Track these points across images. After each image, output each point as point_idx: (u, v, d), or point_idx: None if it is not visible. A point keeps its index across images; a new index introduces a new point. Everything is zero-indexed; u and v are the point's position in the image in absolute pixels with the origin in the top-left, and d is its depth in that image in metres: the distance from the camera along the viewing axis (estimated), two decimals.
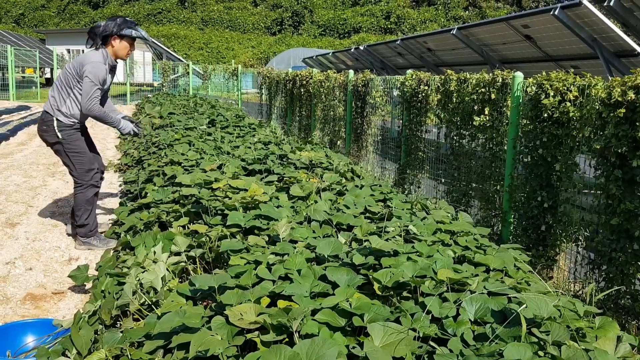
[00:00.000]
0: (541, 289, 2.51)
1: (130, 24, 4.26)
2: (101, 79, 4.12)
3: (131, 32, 4.24)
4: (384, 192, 4.20)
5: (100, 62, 4.13)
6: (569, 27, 6.89)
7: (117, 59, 4.35)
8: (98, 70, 4.09)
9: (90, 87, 4.07)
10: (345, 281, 2.22)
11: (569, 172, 3.91)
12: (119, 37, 4.21)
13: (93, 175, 4.33)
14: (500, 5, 47.60)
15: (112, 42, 4.23)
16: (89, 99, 4.09)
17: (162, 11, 54.38)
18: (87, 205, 4.29)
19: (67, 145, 4.24)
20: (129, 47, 4.31)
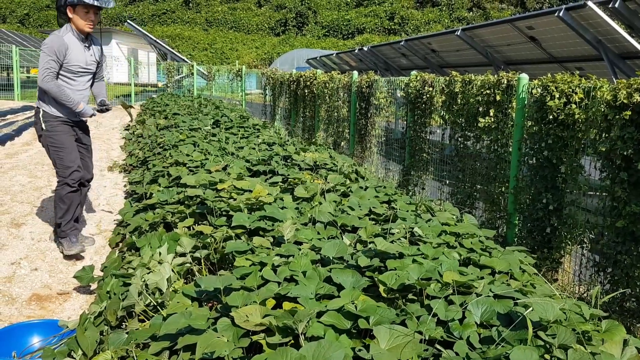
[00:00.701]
0: (547, 292, 2.50)
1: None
2: (56, 49, 3.88)
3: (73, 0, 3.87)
4: (389, 193, 4.20)
5: (57, 35, 3.94)
6: (574, 29, 6.88)
7: (80, 32, 4.03)
8: (52, 42, 3.89)
9: (42, 60, 3.88)
10: (351, 283, 2.22)
11: (574, 174, 3.90)
12: (70, 7, 3.93)
13: (70, 174, 4.10)
14: (505, 7, 47.53)
15: (69, 15, 3.97)
16: (41, 71, 3.90)
17: (166, 12, 54.49)
18: (61, 203, 4.12)
19: (49, 138, 4.10)
20: (84, 16, 3.94)
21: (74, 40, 4.00)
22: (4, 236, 4.51)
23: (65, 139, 4.12)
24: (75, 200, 4.17)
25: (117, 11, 54.74)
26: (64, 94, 3.97)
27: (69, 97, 4.00)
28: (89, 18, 3.96)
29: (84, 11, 3.92)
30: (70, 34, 3.99)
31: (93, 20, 3.99)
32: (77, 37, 4.02)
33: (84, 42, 4.08)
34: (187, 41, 48.10)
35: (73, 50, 3.99)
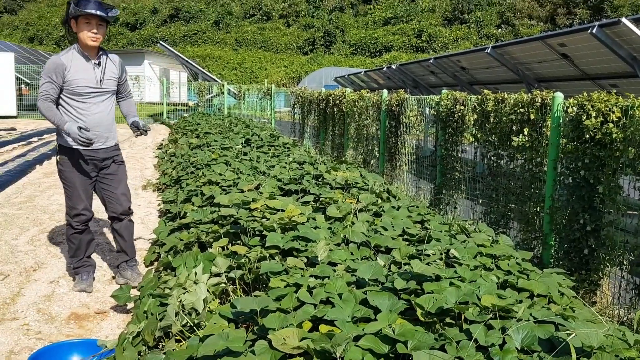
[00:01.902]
0: (587, 316, 2.45)
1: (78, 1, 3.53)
2: (52, 71, 3.57)
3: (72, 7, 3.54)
4: (421, 213, 4.18)
5: (56, 55, 3.66)
6: (607, 46, 6.78)
7: (85, 48, 3.65)
8: (49, 64, 3.60)
9: (40, 84, 3.62)
10: (387, 306, 2.21)
11: (613, 194, 3.82)
12: (73, 20, 3.61)
13: (74, 216, 3.78)
14: (534, 23, 47.12)
15: (73, 29, 3.64)
16: (39, 94, 3.64)
17: (197, 32, 55.63)
18: (68, 242, 3.89)
19: (60, 172, 3.81)
20: (86, 27, 3.57)
21: (77, 59, 3.64)
22: (43, 255, 4.62)
23: (76, 177, 3.76)
24: (84, 240, 3.89)
25: (150, 32, 56.13)
26: (51, 112, 3.58)
27: (58, 119, 3.57)
28: (91, 30, 3.57)
29: (86, 22, 3.56)
30: (73, 52, 3.65)
31: (96, 33, 3.60)
32: (81, 54, 3.65)
33: (91, 60, 3.69)
34: (217, 61, 48.96)
35: (75, 70, 3.63)
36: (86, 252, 3.92)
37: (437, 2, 53.78)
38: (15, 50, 26.22)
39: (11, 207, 6.30)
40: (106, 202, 3.94)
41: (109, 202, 3.92)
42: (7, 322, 3.31)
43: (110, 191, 3.91)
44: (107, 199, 3.92)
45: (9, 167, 8.75)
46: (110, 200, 3.92)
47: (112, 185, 3.91)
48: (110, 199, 3.91)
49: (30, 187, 7.58)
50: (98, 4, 3.54)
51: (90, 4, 3.50)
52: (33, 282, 3.99)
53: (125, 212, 3.96)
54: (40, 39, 60.69)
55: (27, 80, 22.98)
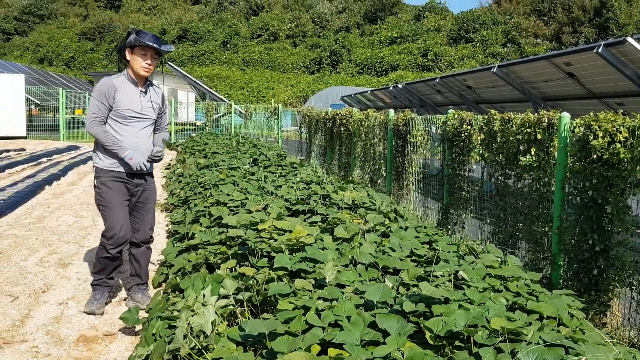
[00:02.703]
0: (597, 339, 2.43)
1: (141, 33, 3.73)
2: (104, 92, 3.70)
3: (132, 37, 3.70)
4: (429, 233, 4.17)
5: (107, 77, 3.78)
6: (613, 65, 6.80)
7: (135, 76, 3.83)
8: (101, 84, 3.73)
9: (91, 104, 3.76)
10: (396, 329, 2.21)
11: (621, 215, 3.81)
12: (128, 47, 3.76)
13: (110, 238, 3.75)
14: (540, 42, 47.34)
15: (127, 57, 3.80)
16: (88, 115, 3.76)
17: (205, 53, 56.27)
18: (97, 261, 3.90)
19: (97, 195, 3.84)
20: (140, 58, 3.75)
21: (126, 84, 3.81)
22: (52, 276, 4.64)
23: (113, 197, 3.80)
24: (110, 265, 3.87)
25: None
26: (109, 139, 3.72)
27: (115, 142, 3.73)
28: (145, 61, 3.76)
29: (142, 52, 3.74)
30: (124, 77, 3.82)
31: (150, 64, 3.79)
32: (130, 81, 3.82)
33: (139, 87, 3.86)
34: (225, 80, 49.40)
35: (124, 93, 3.78)
36: (109, 274, 3.92)
37: (443, 22, 54.26)
38: (26, 71, 26.61)
39: (20, 228, 6.34)
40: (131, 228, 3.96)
41: (134, 229, 3.97)
42: (16, 345, 3.32)
43: (138, 218, 3.99)
44: (133, 225, 3.97)
45: (19, 188, 8.82)
46: (135, 227, 3.98)
47: (141, 213, 4.00)
48: (137, 225, 3.98)
49: (40, 208, 7.64)
50: (156, 38, 3.77)
51: (149, 37, 3.73)
52: (42, 304, 4.00)
53: (146, 241, 4.07)
54: (50, 60, 61.57)
55: (37, 101, 23.28)
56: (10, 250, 5.36)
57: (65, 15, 70.79)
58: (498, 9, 54.50)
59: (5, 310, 3.84)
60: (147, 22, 64.65)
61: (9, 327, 3.56)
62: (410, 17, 58.05)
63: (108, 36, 63.18)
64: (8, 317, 3.73)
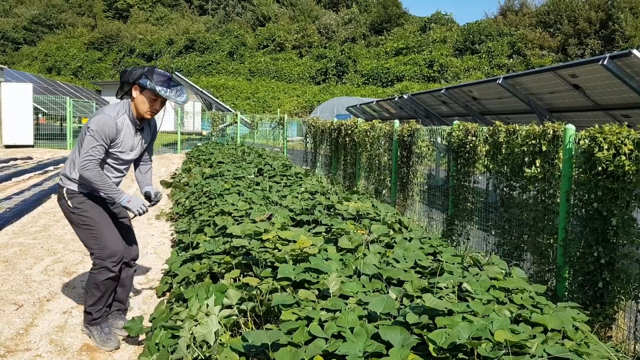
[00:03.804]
0: (602, 352, 2.42)
1: (155, 74, 3.41)
2: (107, 135, 3.35)
3: (146, 82, 3.37)
4: (434, 245, 4.16)
5: (110, 115, 3.38)
6: (619, 77, 6.80)
7: (137, 116, 3.52)
8: (104, 124, 3.33)
9: (88, 143, 3.31)
10: (399, 341, 2.20)
11: (626, 227, 3.79)
12: (138, 86, 3.43)
13: (109, 255, 3.45)
14: (545, 53, 47.36)
15: (132, 93, 3.47)
16: (84, 155, 3.30)
17: (211, 63, 56.61)
18: (95, 290, 3.47)
19: (79, 216, 3.48)
20: (150, 102, 3.45)
21: (127, 124, 3.50)
22: (57, 285, 4.65)
23: (98, 214, 3.52)
24: (111, 287, 3.56)
25: (165, 63, 57.15)
26: (105, 183, 3.36)
27: (112, 187, 3.39)
28: (154, 106, 3.48)
29: (152, 97, 3.44)
30: (126, 117, 3.48)
31: (157, 109, 3.52)
32: (132, 121, 3.52)
33: (137, 126, 3.57)
34: (231, 90, 49.63)
35: (124, 135, 3.49)
36: (107, 301, 3.59)
37: (449, 33, 54.41)
38: (34, 80, 26.82)
39: (26, 237, 6.37)
40: None
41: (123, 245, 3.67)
42: (20, 353, 3.32)
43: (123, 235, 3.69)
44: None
45: (25, 196, 8.87)
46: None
47: (125, 230, 3.76)
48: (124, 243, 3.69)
49: (46, 217, 7.67)
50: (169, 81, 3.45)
51: (166, 82, 3.42)
52: (46, 313, 4.01)
53: (135, 258, 3.83)
54: (58, 69, 62.08)
55: (44, 110, 23.44)
56: (16, 259, 5.38)
57: (73, 25, 71.46)
58: (504, 20, 54.61)
59: (10, 319, 3.85)
60: (154, 32, 65.16)
61: (13, 336, 3.57)
62: (416, 28, 58.25)
63: (116, 46, 63.68)
64: (12, 325, 3.74)
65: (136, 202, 3.47)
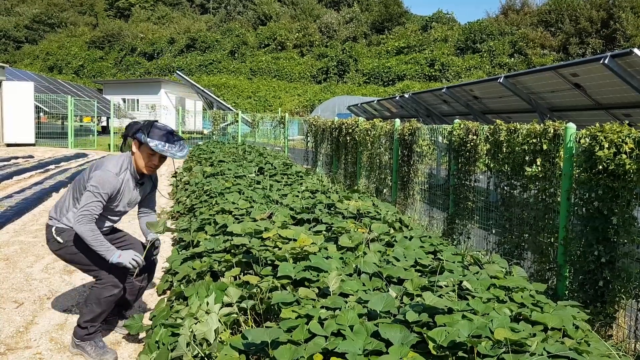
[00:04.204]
0: (603, 350, 2.41)
1: (154, 128, 3.32)
2: (107, 193, 3.26)
3: (142, 136, 3.30)
4: (434, 243, 4.15)
5: (112, 172, 3.30)
6: (620, 76, 6.79)
7: (138, 170, 3.45)
8: (105, 181, 3.24)
9: (87, 199, 3.21)
10: (399, 339, 2.20)
11: (627, 226, 3.79)
12: (137, 141, 3.38)
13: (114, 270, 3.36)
14: (547, 52, 47.31)
15: (132, 147, 3.41)
16: (81, 210, 3.18)
17: (213, 62, 56.62)
18: (96, 305, 3.34)
19: (72, 247, 3.36)
20: (147, 157, 3.39)
21: (128, 180, 3.44)
22: (57, 283, 4.65)
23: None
24: (112, 306, 3.46)
25: (167, 62, 57.19)
26: (97, 239, 3.21)
27: (103, 243, 3.23)
28: (152, 162, 3.42)
29: (149, 153, 3.37)
30: (127, 173, 3.43)
31: (156, 165, 3.46)
32: (133, 176, 3.46)
33: (137, 180, 3.52)
34: (232, 89, 49.65)
35: (124, 192, 3.43)
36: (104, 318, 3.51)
37: (450, 32, 54.38)
38: (35, 79, 26.84)
39: (27, 235, 6.37)
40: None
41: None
42: (20, 351, 3.33)
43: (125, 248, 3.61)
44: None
45: (26, 195, 8.87)
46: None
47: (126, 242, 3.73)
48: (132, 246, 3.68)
49: (47, 215, 7.67)
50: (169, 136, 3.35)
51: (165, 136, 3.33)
52: (47, 311, 4.02)
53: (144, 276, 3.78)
54: (60, 68, 62.11)
55: (45, 109, 23.45)
56: (16, 257, 5.39)
57: (75, 24, 71.53)
58: (505, 19, 54.58)
59: (10, 317, 3.86)
60: (156, 31, 65.17)
61: (13, 334, 3.57)
62: (417, 27, 58.23)
63: (117, 45, 63.70)
64: (12, 323, 3.75)
65: (127, 256, 3.28)
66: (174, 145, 3.34)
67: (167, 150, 3.31)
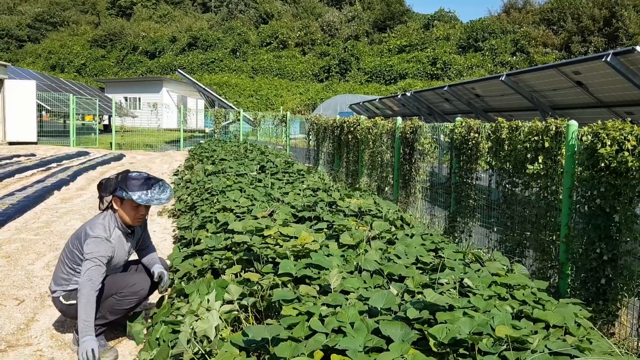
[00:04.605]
0: (605, 348, 2.40)
1: (132, 180, 3.30)
2: (105, 255, 3.23)
3: (122, 193, 3.28)
4: (435, 241, 4.15)
5: (103, 237, 3.26)
6: (622, 74, 6.77)
7: (126, 224, 3.43)
8: (99, 247, 3.21)
9: (89, 267, 3.14)
10: (400, 336, 2.19)
11: (629, 224, 3.77)
12: (117, 198, 3.35)
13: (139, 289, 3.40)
14: (549, 51, 47.20)
15: (114, 205, 3.38)
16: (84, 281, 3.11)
17: (214, 60, 56.58)
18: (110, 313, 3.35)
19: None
20: (133, 211, 3.36)
21: (118, 237, 3.41)
22: None
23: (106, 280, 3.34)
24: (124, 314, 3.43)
25: (168, 60, 57.17)
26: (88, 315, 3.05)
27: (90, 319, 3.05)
28: (139, 213, 3.40)
29: (134, 206, 3.35)
30: (116, 230, 3.39)
31: (143, 215, 3.45)
32: (122, 231, 3.43)
33: (128, 233, 3.50)
34: (234, 88, 49.61)
35: (117, 249, 3.40)
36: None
37: (452, 30, 54.28)
38: (37, 77, 26.88)
39: (29, 233, 6.38)
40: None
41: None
42: (20, 348, 3.33)
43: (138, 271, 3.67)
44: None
45: (28, 193, 8.88)
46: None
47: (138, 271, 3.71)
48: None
49: (48, 213, 7.68)
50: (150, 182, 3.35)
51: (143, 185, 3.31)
52: (48, 308, 4.01)
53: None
54: (62, 67, 62.13)
55: (47, 107, 23.47)
56: (18, 254, 5.39)
57: (77, 23, 71.50)
58: (507, 18, 54.44)
59: (11, 314, 3.86)
60: (157, 30, 65.15)
61: (14, 331, 3.57)
62: (419, 26, 58.11)
63: (119, 43, 63.70)
64: (13, 320, 3.75)
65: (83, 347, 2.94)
66: (154, 188, 3.32)
67: (152, 198, 3.30)
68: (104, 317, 3.32)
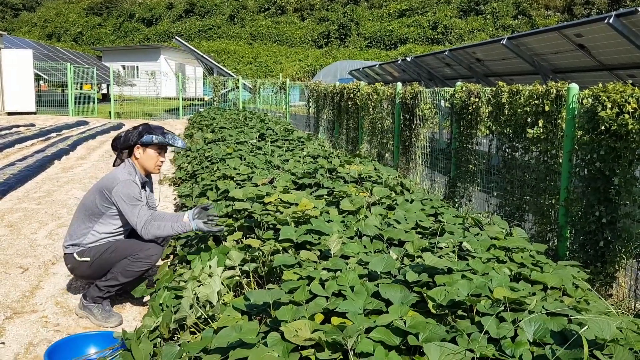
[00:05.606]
0: (602, 309, 2.43)
1: (153, 128, 3.57)
2: (137, 193, 3.40)
3: (151, 138, 3.50)
4: (435, 206, 4.17)
5: (128, 179, 3.41)
6: (625, 36, 6.68)
7: (146, 173, 3.63)
8: (129, 189, 3.37)
9: (131, 210, 3.35)
10: (399, 299, 2.22)
11: (629, 186, 3.78)
12: (141, 145, 3.53)
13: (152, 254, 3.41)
14: (551, 14, 46.47)
15: (136, 153, 3.54)
16: (138, 222, 3.34)
17: (212, 27, 55.81)
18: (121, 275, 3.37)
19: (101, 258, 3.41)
20: (157, 155, 3.57)
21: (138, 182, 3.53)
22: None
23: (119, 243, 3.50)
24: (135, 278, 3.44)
25: (165, 28, 56.41)
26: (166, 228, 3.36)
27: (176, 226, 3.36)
28: (160, 159, 3.60)
29: (157, 151, 3.56)
30: (137, 176, 3.53)
31: (163, 162, 3.65)
32: (140, 178, 3.56)
33: (144, 186, 3.64)
34: (232, 55, 49.07)
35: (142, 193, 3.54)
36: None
37: None
38: (34, 47, 26.57)
39: (30, 202, 6.41)
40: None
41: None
42: (26, 315, 3.38)
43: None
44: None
45: (28, 163, 8.88)
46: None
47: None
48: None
49: (49, 182, 7.70)
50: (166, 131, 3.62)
51: (163, 131, 3.58)
52: (52, 276, 4.06)
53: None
54: (59, 35, 61.38)
55: (45, 77, 23.29)
56: (21, 224, 5.43)
57: None
58: None
59: (16, 282, 3.91)
60: None
61: (19, 298, 3.63)
62: None
63: (115, 11, 62.77)
64: (18, 288, 3.80)
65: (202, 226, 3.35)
66: (171, 136, 3.61)
67: (176, 139, 3.60)
68: (115, 279, 3.36)
